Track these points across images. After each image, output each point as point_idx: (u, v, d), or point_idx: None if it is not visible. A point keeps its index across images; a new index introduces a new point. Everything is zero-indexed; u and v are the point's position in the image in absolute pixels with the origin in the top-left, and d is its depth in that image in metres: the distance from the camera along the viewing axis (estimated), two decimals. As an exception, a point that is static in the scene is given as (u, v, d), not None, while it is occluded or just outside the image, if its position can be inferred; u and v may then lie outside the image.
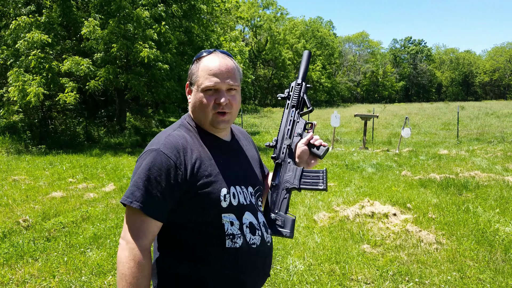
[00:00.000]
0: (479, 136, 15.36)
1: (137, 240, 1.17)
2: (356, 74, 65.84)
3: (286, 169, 1.45)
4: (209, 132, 1.34)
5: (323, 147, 1.43)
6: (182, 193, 1.21)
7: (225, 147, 1.36)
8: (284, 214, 1.42)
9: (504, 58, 71.39)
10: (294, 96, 1.52)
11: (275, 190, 1.45)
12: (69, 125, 15.26)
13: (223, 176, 1.27)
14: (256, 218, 1.33)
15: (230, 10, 28.49)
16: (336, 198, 6.22)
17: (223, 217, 1.24)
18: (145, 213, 1.17)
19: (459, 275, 3.49)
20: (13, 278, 3.44)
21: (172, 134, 1.27)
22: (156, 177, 1.18)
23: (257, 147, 1.61)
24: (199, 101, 1.28)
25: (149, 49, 12.11)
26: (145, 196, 1.17)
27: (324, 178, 1.40)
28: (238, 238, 1.26)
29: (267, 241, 1.35)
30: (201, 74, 1.27)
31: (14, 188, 6.91)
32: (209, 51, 1.31)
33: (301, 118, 1.50)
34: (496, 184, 6.89)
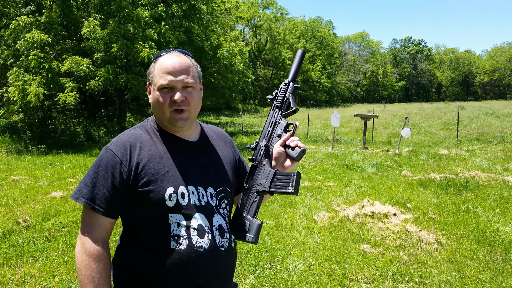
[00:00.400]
0: (479, 136, 15.36)
1: (86, 234, 1.21)
2: (356, 74, 65.85)
3: (260, 171, 1.39)
4: (170, 132, 1.33)
5: (298, 148, 1.35)
6: (129, 190, 1.23)
7: (186, 147, 1.34)
8: (251, 218, 1.34)
9: (504, 58, 71.39)
10: (280, 96, 1.48)
11: (247, 193, 1.39)
12: (69, 125, 15.27)
13: (173, 175, 1.25)
14: (210, 220, 1.28)
15: (230, 10, 28.49)
16: (336, 198, 6.22)
17: (170, 217, 1.23)
18: (91, 209, 1.21)
19: (459, 275, 3.49)
20: (13, 278, 3.44)
21: (125, 133, 1.32)
22: (103, 174, 1.23)
23: (236, 149, 1.56)
24: (156, 99, 1.28)
25: (149, 49, 12.11)
26: (92, 192, 1.21)
27: (294, 182, 1.31)
28: (183, 239, 1.22)
29: (220, 246, 1.28)
30: (156, 73, 1.27)
31: (14, 188, 6.91)
32: (167, 50, 1.31)
33: (284, 119, 1.45)
34: (496, 184, 6.89)
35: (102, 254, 1.21)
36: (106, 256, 1.22)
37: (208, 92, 17.17)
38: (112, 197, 1.22)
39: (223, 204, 1.36)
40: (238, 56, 16.28)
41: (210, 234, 1.26)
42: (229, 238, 1.33)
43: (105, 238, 1.25)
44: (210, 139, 1.44)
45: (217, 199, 1.34)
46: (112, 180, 1.22)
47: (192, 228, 1.24)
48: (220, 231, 1.30)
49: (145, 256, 1.24)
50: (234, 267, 1.40)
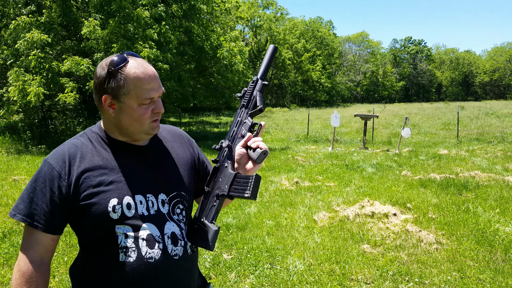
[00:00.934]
0: (479, 136, 15.36)
1: (24, 251, 1.16)
2: (356, 74, 65.86)
3: (222, 174, 1.31)
4: (117, 139, 1.25)
5: (259, 149, 1.26)
6: (70, 203, 1.17)
7: (135, 153, 1.26)
8: (209, 223, 1.27)
9: (504, 58, 71.40)
10: (246, 95, 1.39)
11: (206, 196, 1.32)
12: (69, 125, 15.28)
13: (117, 186, 1.18)
14: (161, 229, 1.21)
15: (230, 10, 28.49)
16: (336, 198, 6.22)
17: (117, 229, 1.17)
18: (29, 226, 1.15)
19: (459, 275, 3.49)
20: (13, 278, 3.44)
21: (65, 143, 1.24)
22: (41, 188, 1.16)
23: (195, 147, 1.47)
24: (134, 114, 1.18)
25: (149, 49, 12.11)
26: (29, 208, 1.15)
27: (251, 185, 1.22)
28: (131, 251, 1.16)
29: (174, 255, 1.21)
30: (135, 84, 1.16)
31: (14, 188, 6.91)
32: (122, 57, 1.17)
33: (249, 118, 1.36)
34: (496, 184, 6.89)
35: (36, 276, 1.14)
36: (41, 277, 1.16)
37: (208, 92, 17.17)
38: (52, 212, 1.16)
39: (177, 210, 1.28)
40: (238, 56, 16.28)
41: (161, 243, 1.20)
42: (183, 245, 1.25)
43: (45, 257, 1.18)
44: (164, 140, 1.36)
45: (170, 206, 1.26)
46: (50, 195, 1.15)
47: (140, 238, 1.17)
48: (173, 239, 1.22)
49: (97, 270, 1.19)
50: (193, 275, 1.33)
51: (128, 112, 1.18)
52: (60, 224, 1.19)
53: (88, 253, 1.22)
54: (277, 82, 50.82)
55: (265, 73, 1.41)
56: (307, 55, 51.92)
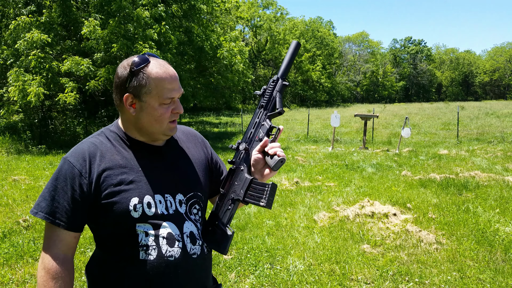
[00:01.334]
0: (479, 136, 15.36)
1: (47, 249, 1.17)
2: (356, 74, 65.87)
3: (238, 177, 1.29)
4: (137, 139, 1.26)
5: (276, 157, 1.23)
6: (92, 202, 1.18)
7: (152, 153, 1.27)
8: (223, 227, 1.28)
9: (504, 58, 71.41)
10: (266, 94, 1.34)
11: (222, 199, 1.32)
12: (69, 125, 15.27)
13: (138, 185, 1.20)
14: (180, 228, 1.22)
15: (230, 10, 28.50)
16: (336, 198, 6.22)
17: (137, 227, 1.18)
18: (51, 223, 1.16)
19: (459, 275, 3.49)
20: (13, 278, 3.44)
21: (84, 141, 1.24)
22: (62, 186, 1.17)
23: (208, 148, 1.48)
24: (154, 113, 1.19)
25: (149, 49, 12.11)
26: (51, 206, 1.16)
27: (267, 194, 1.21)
28: (152, 249, 1.17)
29: (192, 254, 1.23)
30: (156, 85, 1.17)
31: (14, 188, 6.91)
32: (144, 58, 1.20)
33: (268, 121, 1.32)
34: (496, 184, 6.89)
35: (60, 272, 1.16)
36: (66, 273, 1.17)
37: (208, 92, 17.17)
38: (73, 210, 1.17)
39: (194, 210, 1.30)
40: (238, 56, 16.28)
41: (181, 242, 1.21)
42: (201, 245, 1.27)
43: (68, 254, 1.20)
44: (179, 141, 1.37)
45: (187, 206, 1.28)
46: (72, 193, 1.16)
47: (161, 237, 1.19)
48: (192, 238, 1.25)
49: (115, 268, 1.20)
50: (209, 274, 1.35)
51: (149, 111, 1.19)
52: (81, 221, 1.21)
53: (106, 251, 1.23)
54: (277, 82, 50.74)
55: (286, 72, 1.36)
56: (307, 55, 51.92)
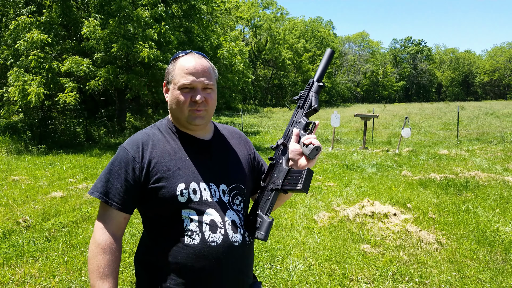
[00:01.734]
0: (479, 136, 15.36)
1: (98, 226, 1.28)
2: (356, 74, 65.86)
3: (277, 169, 1.39)
4: (184, 131, 1.37)
5: (311, 145, 1.31)
6: (142, 185, 1.28)
7: (199, 145, 1.37)
8: (263, 215, 1.35)
9: (504, 58, 71.41)
10: (302, 96, 1.47)
11: (262, 190, 1.41)
12: (69, 125, 15.26)
13: (185, 172, 1.29)
14: (222, 216, 1.30)
15: (230, 10, 28.51)
16: (336, 198, 6.22)
17: (183, 213, 1.26)
18: (105, 203, 1.27)
19: (459, 275, 3.49)
20: (13, 278, 3.44)
21: (138, 132, 1.37)
22: (117, 170, 1.28)
23: (251, 146, 1.58)
24: (176, 98, 1.31)
25: (149, 49, 12.11)
26: (106, 187, 1.28)
27: (303, 178, 1.28)
28: (196, 234, 1.25)
29: (234, 241, 1.29)
30: (177, 72, 1.31)
31: (14, 188, 6.91)
32: (185, 52, 1.35)
33: (304, 118, 1.43)
34: (496, 184, 6.89)
35: (110, 247, 1.25)
36: (115, 249, 1.26)
37: (208, 92, 17.15)
38: (125, 192, 1.27)
39: (236, 201, 1.38)
40: (238, 56, 16.28)
41: (223, 229, 1.28)
42: (242, 234, 1.34)
43: (116, 232, 1.29)
44: (224, 137, 1.48)
45: (230, 196, 1.36)
46: (125, 176, 1.27)
47: (204, 223, 1.26)
48: (233, 226, 1.31)
49: (161, 252, 1.28)
50: (251, 263, 1.41)
51: (172, 94, 1.33)
52: (132, 204, 1.30)
53: (154, 235, 1.32)
54: (277, 82, 50.83)
55: (321, 76, 1.46)
56: (307, 55, 51.92)
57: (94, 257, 1.24)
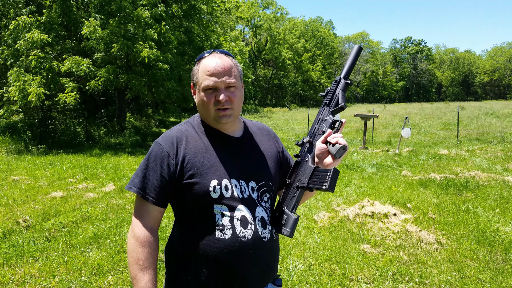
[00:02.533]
0: (479, 136, 15.36)
1: (137, 221, 1.32)
2: (356, 74, 65.86)
3: (303, 167, 1.41)
4: (214, 128, 1.40)
5: (338, 145, 1.33)
6: (176, 180, 1.32)
7: (230, 142, 1.40)
8: (289, 212, 1.38)
9: (504, 58, 71.40)
10: (329, 93, 1.46)
11: (288, 187, 1.43)
12: (69, 125, 15.26)
13: (217, 169, 1.32)
14: (252, 212, 1.34)
15: (230, 10, 28.50)
16: (336, 198, 6.22)
17: (215, 208, 1.30)
18: (142, 197, 1.32)
19: (459, 275, 3.49)
20: (13, 278, 3.44)
21: (173, 128, 1.41)
22: (153, 166, 1.32)
23: (280, 143, 1.61)
24: (201, 100, 1.34)
25: (150, 49, 12.11)
26: (143, 182, 1.32)
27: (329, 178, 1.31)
28: (227, 229, 1.29)
29: (263, 237, 1.34)
30: (200, 75, 1.34)
31: (14, 188, 6.91)
32: (209, 51, 1.37)
33: (330, 116, 1.43)
34: (496, 184, 6.89)
35: (148, 240, 1.30)
36: (153, 242, 1.31)
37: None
38: (161, 187, 1.31)
39: (265, 198, 1.41)
40: (238, 56, 16.29)
41: (253, 225, 1.32)
42: (271, 230, 1.38)
43: (154, 226, 1.34)
44: (254, 135, 1.50)
45: (259, 193, 1.39)
46: (160, 172, 1.31)
47: (235, 218, 1.30)
48: (263, 223, 1.35)
49: (192, 245, 1.31)
50: (277, 258, 1.46)
51: (198, 96, 1.36)
52: (167, 198, 1.35)
53: (186, 230, 1.35)
54: (277, 82, 50.81)
55: (348, 73, 1.46)
56: (307, 55, 51.93)
57: (134, 250, 1.28)
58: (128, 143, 14.42)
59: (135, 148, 13.55)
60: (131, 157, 11.17)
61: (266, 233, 1.36)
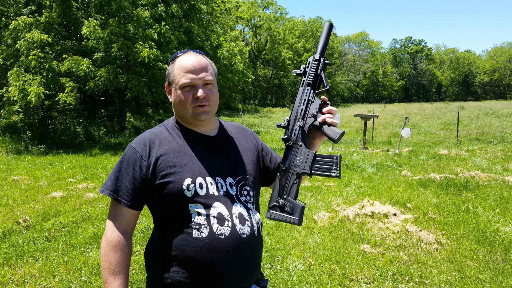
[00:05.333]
0: (479, 136, 15.36)
1: (110, 223, 1.32)
2: (356, 74, 65.84)
3: (298, 152, 1.37)
4: (189, 128, 1.40)
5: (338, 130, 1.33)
6: (150, 182, 1.31)
7: (205, 141, 1.40)
8: (293, 200, 1.36)
9: (504, 58, 71.39)
10: (311, 72, 1.41)
11: (284, 174, 1.39)
12: (69, 125, 15.26)
13: (191, 167, 1.32)
14: (229, 209, 1.32)
15: (230, 10, 28.50)
16: (336, 198, 6.22)
17: (190, 207, 1.29)
18: (115, 200, 1.32)
19: (459, 275, 3.49)
20: (13, 278, 3.44)
21: (146, 132, 1.41)
22: (126, 168, 1.32)
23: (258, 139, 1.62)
24: (178, 98, 1.34)
25: (149, 49, 12.11)
26: (115, 184, 1.32)
27: (338, 165, 1.30)
28: (204, 228, 1.28)
29: (242, 233, 1.31)
30: (177, 72, 1.33)
31: (14, 188, 6.91)
32: (182, 51, 1.38)
33: (317, 98, 1.40)
34: (496, 184, 6.89)
35: (121, 244, 1.29)
36: (125, 246, 1.30)
37: (208, 92, 17.18)
38: (134, 190, 1.31)
39: (244, 191, 1.40)
40: (238, 56, 16.28)
41: (230, 221, 1.31)
42: (251, 226, 1.35)
43: (127, 229, 1.33)
44: (229, 133, 1.51)
45: (238, 188, 1.38)
46: (133, 174, 1.31)
47: (212, 216, 1.29)
48: (241, 219, 1.33)
49: (171, 246, 1.30)
50: (259, 255, 1.43)
51: (175, 95, 1.36)
52: (140, 200, 1.34)
53: (163, 231, 1.34)
54: (277, 82, 50.80)
55: (323, 51, 1.43)
56: (307, 55, 51.87)
57: (106, 254, 1.28)
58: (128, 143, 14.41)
59: (135, 148, 13.52)
60: (131, 157, 11.16)
61: (245, 229, 1.33)
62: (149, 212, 5.36)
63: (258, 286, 1.44)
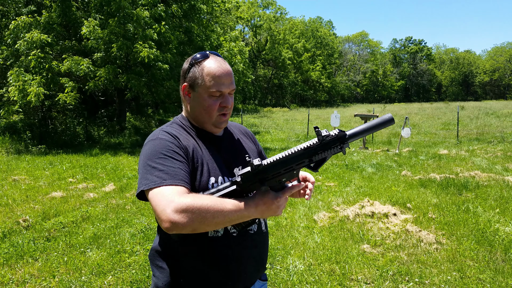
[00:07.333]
0: (479, 136, 15.36)
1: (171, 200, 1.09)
2: (356, 74, 65.84)
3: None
4: (201, 128, 1.41)
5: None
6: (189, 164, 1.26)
7: (216, 141, 1.42)
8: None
9: (504, 58, 71.40)
10: (319, 151, 1.20)
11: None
12: (69, 125, 15.26)
13: (211, 166, 1.33)
14: None
15: (230, 10, 28.51)
16: (336, 198, 6.21)
17: None
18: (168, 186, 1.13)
19: (459, 275, 3.49)
20: (13, 278, 3.43)
21: (165, 128, 1.35)
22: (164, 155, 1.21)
23: (257, 142, 1.67)
24: (204, 103, 1.32)
25: (149, 49, 12.10)
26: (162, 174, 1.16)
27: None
28: None
29: (249, 229, 1.37)
30: (207, 78, 1.30)
31: (14, 188, 6.91)
32: (204, 54, 1.34)
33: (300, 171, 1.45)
34: (496, 184, 6.89)
35: (195, 194, 1.15)
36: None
37: (208, 92, 17.17)
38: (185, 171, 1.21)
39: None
40: (238, 56, 16.28)
41: None
42: (258, 223, 1.42)
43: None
44: (234, 133, 1.54)
45: None
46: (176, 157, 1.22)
47: None
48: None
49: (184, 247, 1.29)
50: (266, 251, 1.49)
51: (199, 101, 1.33)
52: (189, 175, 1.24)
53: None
54: (277, 82, 50.80)
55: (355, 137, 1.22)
56: (307, 55, 51.91)
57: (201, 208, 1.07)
58: (128, 143, 14.42)
59: (135, 148, 13.54)
60: (131, 157, 11.17)
61: (253, 226, 1.38)
62: (149, 212, 5.38)
63: (261, 280, 1.49)
